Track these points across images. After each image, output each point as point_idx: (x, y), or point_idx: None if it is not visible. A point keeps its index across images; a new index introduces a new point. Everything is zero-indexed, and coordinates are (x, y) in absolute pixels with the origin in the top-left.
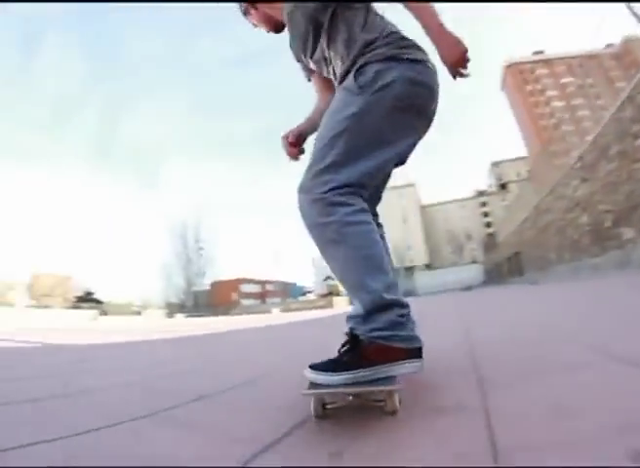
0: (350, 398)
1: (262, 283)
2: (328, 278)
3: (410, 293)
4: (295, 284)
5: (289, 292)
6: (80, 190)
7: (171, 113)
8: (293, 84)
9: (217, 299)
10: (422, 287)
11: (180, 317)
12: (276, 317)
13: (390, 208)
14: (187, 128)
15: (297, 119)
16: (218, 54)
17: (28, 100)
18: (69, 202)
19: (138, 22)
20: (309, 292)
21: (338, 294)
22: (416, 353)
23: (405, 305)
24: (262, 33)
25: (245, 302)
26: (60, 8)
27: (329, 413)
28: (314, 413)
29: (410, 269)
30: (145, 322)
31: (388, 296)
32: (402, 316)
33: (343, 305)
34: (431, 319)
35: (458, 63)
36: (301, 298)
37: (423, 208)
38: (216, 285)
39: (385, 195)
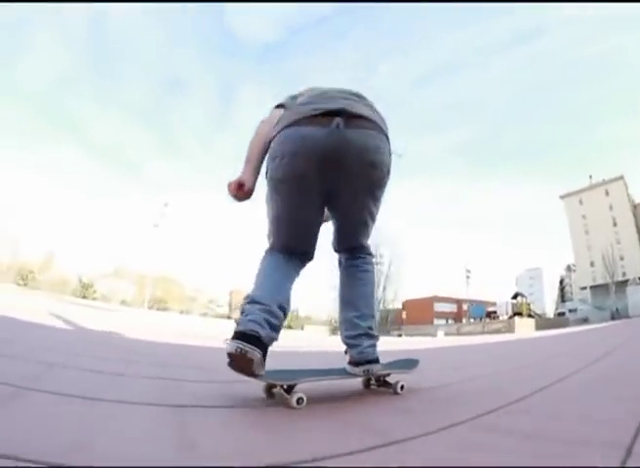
0: None
1: (458, 301)
2: (517, 295)
3: (619, 314)
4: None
5: (470, 313)
6: None
7: None
8: (489, 96)
9: (409, 318)
10: (638, 305)
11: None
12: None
13: (595, 209)
14: None
15: (494, 130)
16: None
17: None
18: None
19: None
20: (492, 312)
21: (528, 314)
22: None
23: None
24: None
25: (437, 322)
26: None
27: None
28: None
29: (622, 284)
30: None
31: None
32: None
33: (530, 329)
34: None
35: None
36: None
37: (637, 207)
38: (407, 303)
39: (587, 195)
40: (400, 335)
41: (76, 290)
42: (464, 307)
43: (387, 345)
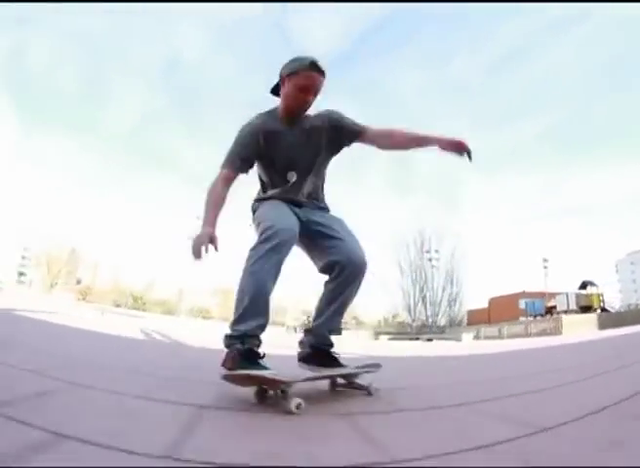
0: None
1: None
2: (587, 284)
3: None
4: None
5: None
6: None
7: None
8: (566, 78)
9: (494, 316)
10: None
11: (383, 339)
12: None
13: None
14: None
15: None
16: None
17: None
18: None
19: None
20: (552, 307)
21: (601, 309)
22: None
23: None
24: None
25: (522, 319)
26: None
27: None
28: None
29: None
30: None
31: None
32: None
33: (589, 327)
34: None
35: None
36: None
37: None
38: (493, 301)
39: None
40: (430, 340)
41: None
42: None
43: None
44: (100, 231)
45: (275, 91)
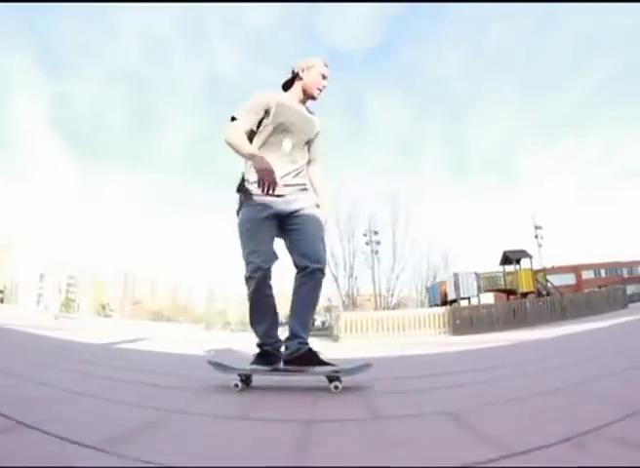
0: None
1: (576, 269)
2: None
3: None
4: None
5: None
6: None
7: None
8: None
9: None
10: None
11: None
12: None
13: None
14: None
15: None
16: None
17: None
18: None
19: None
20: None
21: (513, 293)
22: None
23: None
24: None
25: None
26: None
27: None
28: None
29: None
30: None
31: None
32: None
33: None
34: None
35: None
36: None
37: None
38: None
39: None
40: None
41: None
42: (584, 276)
43: None
44: (163, 252)
45: (286, 86)
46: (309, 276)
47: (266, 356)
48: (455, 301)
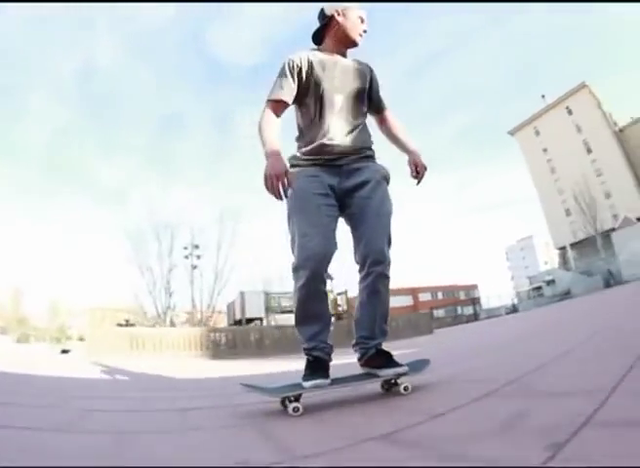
0: None
1: (414, 291)
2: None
3: (613, 278)
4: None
5: None
6: None
7: None
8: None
9: None
10: (634, 261)
11: None
12: None
13: (557, 136)
14: None
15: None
16: None
17: None
18: None
19: None
20: None
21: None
22: None
23: None
24: None
25: None
26: None
27: None
28: None
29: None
30: None
31: None
32: None
33: None
34: None
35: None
36: None
37: (621, 131)
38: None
39: (544, 120)
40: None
41: None
42: (422, 298)
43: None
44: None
45: (316, 36)
46: (368, 279)
47: (317, 363)
48: (240, 322)
